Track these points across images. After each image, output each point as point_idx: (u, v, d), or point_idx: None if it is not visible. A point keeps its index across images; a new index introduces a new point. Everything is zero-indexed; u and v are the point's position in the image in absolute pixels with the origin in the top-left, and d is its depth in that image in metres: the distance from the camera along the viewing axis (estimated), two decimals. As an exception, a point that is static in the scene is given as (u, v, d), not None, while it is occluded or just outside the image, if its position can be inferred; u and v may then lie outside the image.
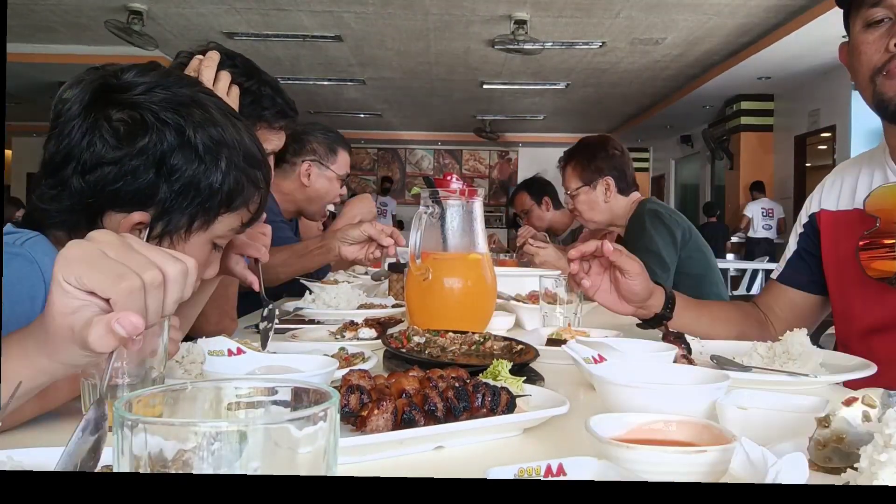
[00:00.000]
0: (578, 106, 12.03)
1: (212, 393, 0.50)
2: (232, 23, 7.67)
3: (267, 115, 1.73)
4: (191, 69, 1.52)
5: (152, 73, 1.03)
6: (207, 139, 1.01)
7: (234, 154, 1.04)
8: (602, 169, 2.81)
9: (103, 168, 0.97)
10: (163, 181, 0.99)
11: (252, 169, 1.07)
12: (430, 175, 2.24)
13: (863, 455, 0.60)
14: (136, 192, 0.98)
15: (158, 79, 1.02)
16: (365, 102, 12.00)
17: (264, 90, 1.73)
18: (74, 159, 0.98)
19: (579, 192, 2.85)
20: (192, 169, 1.00)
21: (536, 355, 1.18)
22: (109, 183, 0.98)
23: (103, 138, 0.97)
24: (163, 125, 0.98)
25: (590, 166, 2.83)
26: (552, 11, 7.15)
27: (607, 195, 2.82)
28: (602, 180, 2.81)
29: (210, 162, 1.01)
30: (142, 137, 0.98)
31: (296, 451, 0.42)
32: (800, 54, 8.17)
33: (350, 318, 1.63)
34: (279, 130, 1.81)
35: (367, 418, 0.77)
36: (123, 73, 1.02)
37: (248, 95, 1.67)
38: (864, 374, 1.15)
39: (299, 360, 1.09)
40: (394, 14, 7.31)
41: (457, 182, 1.64)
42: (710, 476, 0.65)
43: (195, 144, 1.00)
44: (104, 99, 0.99)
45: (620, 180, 2.83)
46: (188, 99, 1.02)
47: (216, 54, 1.55)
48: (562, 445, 0.83)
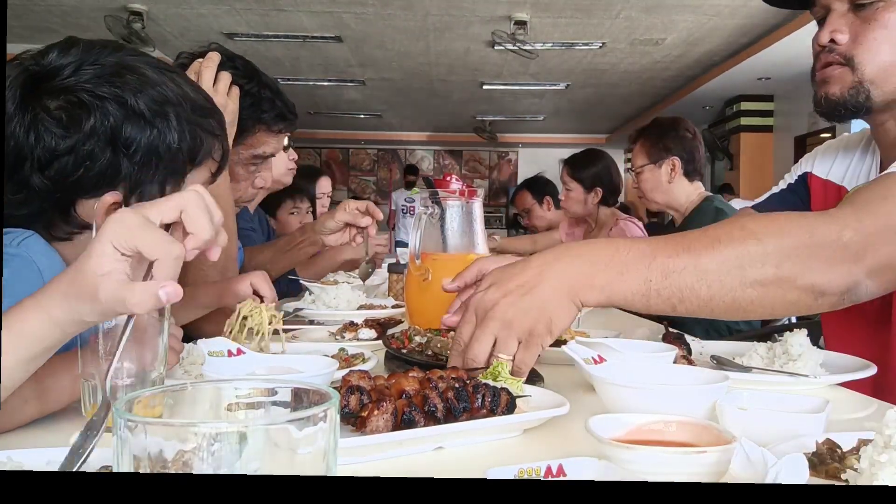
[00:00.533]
0: (578, 106, 12.02)
1: (212, 394, 0.51)
2: (232, 23, 7.67)
3: (266, 118, 1.73)
4: (191, 71, 1.53)
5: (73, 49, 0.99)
6: (150, 101, 0.99)
7: (181, 109, 1.01)
8: (670, 148, 2.77)
9: (59, 160, 0.96)
10: (122, 156, 0.98)
11: (204, 118, 1.05)
12: (429, 176, 2.24)
13: (863, 456, 0.60)
14: (100, 175, 0.97)
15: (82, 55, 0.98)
16: (365, 103, 12.00)
17: (264, 93, 1.73)
18: (27, 158, 0.95)
19: (644, 169, 2.80)
20: (146, 137, 0.98)
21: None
22: (70, 173, 0.96)
23: (48, 130, 0.95)
24: (102, 101, 0.96)
25: (658, 144, 2.78)
26: (552, 12, 7.14)
27: (671, 176, 2.76)
28: (669, 160, 2.76)
29: (161, 124, 0.99)
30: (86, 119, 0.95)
31: (296, 451, 0.42)
32: (800, 55, 8.16)
33: (350, 319, 1.63)
34: (278, 134, 1.80)
35: (366, 419, 0.77)
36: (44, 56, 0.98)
37: (247, 98, 1.67)
38: (863, 374, 1.15)
39: (299, 361, 1.09)
40: (394, 15, 7.31)
41: (456, 182, 1.64)
42: (710, 477, 0.65)
43: (140, 111, 0.98)
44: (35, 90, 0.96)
45: (688, 163, 2.78)
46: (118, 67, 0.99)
47: (216, 55, 1.55)
48: (562, 446, 0.83)
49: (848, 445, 0.71)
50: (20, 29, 7.94)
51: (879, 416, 0.61)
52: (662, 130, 2.82)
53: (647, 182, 2.81)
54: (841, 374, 1.15)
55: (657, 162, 2.78)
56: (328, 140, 14.93)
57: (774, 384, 1.12)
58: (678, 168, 2.76)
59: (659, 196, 2.81)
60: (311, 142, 14.62)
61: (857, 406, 1.05)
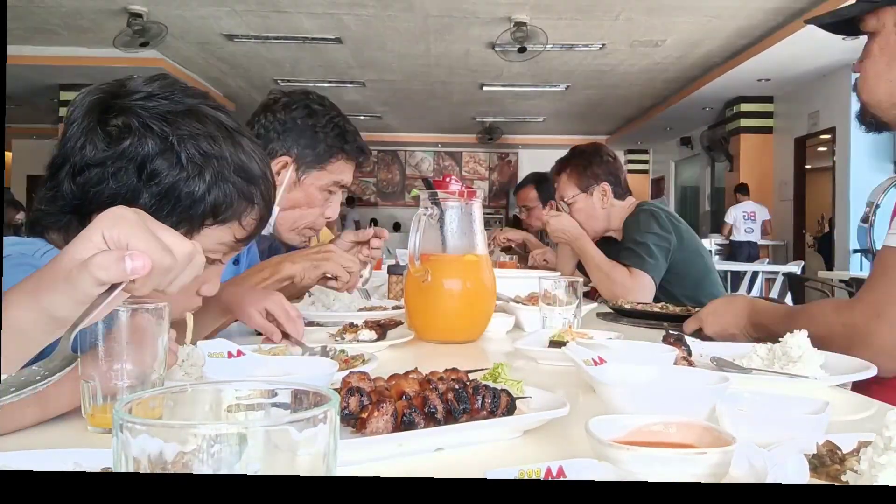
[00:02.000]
0: (578, 108, 12.04)
1: (211, 395, 0.50)
2: (232, 25, 7.68)
3: (348, 149, 1.90)
4: None
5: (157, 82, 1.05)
6: (195, 150, 1.02)
7: (224, 166, 1.04)
8: (598, 175, 2.77)
9: (90, 170, 1.00)
10: (143, 185, 1.01)
11: (246, 183, 1.07)
12: (429, 177, 2.25)
13: (863, 457, 0.60)
14: (118, 195, 1.00)
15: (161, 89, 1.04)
16: (365, 104, 12.01)
17: (348, 126, 1.92)
18: (69, 162, 1.01)
19: (576, 199, 2.79)
20: (172, 176, 1.01)
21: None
22: (94, 185, 1.00)
23: (93, 142, 1.00)
24: (146, 130, 1.01)
25: (586, 172, 2.78)
26: (552, 13, 7.15)
27: (604, 201, 2.77)
28: (599, 186, 2.76)
29: (193, 171, 1.02)
30: (125, 141, 1.00)
31: (296, 453, 0.42)
32: (799, 56, 8.18)
33: (350, 320, 1.63)
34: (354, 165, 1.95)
35: (366, 420, 0.77)
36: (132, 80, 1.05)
37: (334, 128, 1.88)
38: (864, 375, 1.15)
39: (299, 363, 1.09)
40: (394, 16, 7.32)
41: (456, 184, 1.64)
42: (710, 478, 0.64)
43: (178, 153, 1.01)
44: (105, 104, 1.02)
45: (616, 185, 2.79)
46: (187, 111, 1.04)
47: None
48: (562, 447, 0.83)
49: (848, 447, 0.70)
50: (20, 30, 7.96)
51: (879, 418, 0.61)
52: (587, 158, 2.82)
53: (581, 212, 2.78)
54: (841, 376, 1.15)
55: (587, 189, 2.78)
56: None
57: (774, 385, 1.12)
58: (609, 192, 2.76)
59: (596, 223, 2.79)
60: (311, 143, 14.60)
61: (857, 407, 1.05)
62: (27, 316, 0.69)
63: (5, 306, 0.69)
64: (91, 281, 0.66)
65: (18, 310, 0.69)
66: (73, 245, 0.69)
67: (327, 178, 1.89)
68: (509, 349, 1.47)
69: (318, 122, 1.87)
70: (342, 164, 1.90)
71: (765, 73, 9.02)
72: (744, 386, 1.07)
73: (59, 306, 0.68)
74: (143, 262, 0.66)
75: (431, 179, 1.71)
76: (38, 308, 0.69)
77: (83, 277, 0.66)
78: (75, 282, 0.67)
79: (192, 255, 0.72)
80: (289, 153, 1.86)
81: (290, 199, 1.88)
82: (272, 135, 1.87)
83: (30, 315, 0.69)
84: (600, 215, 2.78)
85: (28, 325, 0.69)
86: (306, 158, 1.86)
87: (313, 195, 1.89)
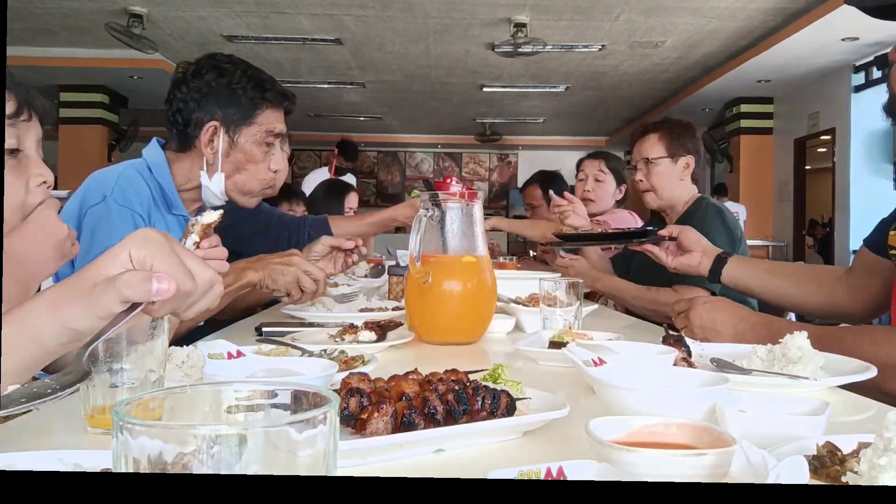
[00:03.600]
0: (578, 109, 12.03)
1: (211, 396, 0.50)
2: (232, 26, 7.68)
3: (270, 96, 1.91)
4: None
5: None
6: None
7: None
8: (687, 147, 2.74)
9: None
10: None
11: None
12: (429, 178, 2.26)
13: (863, 459, 0.60)
14: None
15: None
16: (365, 106, 12.01)
17: (263, 75, 1.93)
18: None
19: (661, 161, 2.71)
20: None
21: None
22: None
23: None
24: None
25: (678, 140, 2.73)
26: (552, 14, 7.15)
27: (684, 174, 2.72)
28: (686, 157, 2.72)
29: None
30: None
31: (295, 454, 0.42)
32: (799, 57, 8.17)
33: (350, 321, 1.63)
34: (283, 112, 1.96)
35: (366, 421, 0.77)
36: None
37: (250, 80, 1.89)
38: (864, 376, 1.15)
39: (299, 363, 1.09)
40: (393, 17, 7.31)
41: (456, 185, 1.65)
42: (710, 479, 0.64)
43: None
44: None
45: (697, 165, 2.76)
46: None
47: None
48: (562, 448, 0.83)
49: (848, 448, 0.70)
50: (20, 31, 7.96)
51: (879, 419, 0.61)
52: (681, 128, 2.79)
53: (660, 175, 2.72)
54: (841, 377, 1.15)
55: (674, 157, 2.72)
56: (328, 142, 14.95)
57: (774, 386, 1.12)
58: (691, 167, 2.72)
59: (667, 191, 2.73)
60: (310, 144, 14.63)
61: (857, 408, 1.05)
62: (46, 326, 0.70)
63: (27, 313, 0.70)
64: (115, 297, 0.67)
65: (39, 319, 0.70)
66: (98, 261, 0.70)
67: (259, 131, 1.90)
68: (509, 350, 1.47)
69: (232, 80, 1.88)
70: (269, 113, 1.91)
71: (764, 74, 9.02)
72: (744, 387, 1.07)
73: (79, 319, 0.69)
74: (169, 284, 0.67)
75: (432, 181, 1.71)
76: (58, 319, 0.69)
77: (108, 293, 0.67)
78: (98, 297, 0.67)
79: (212, 282, 0.73)
80: (214, 117, 1.87)
81: (231, 163, 1.89)
82: (192, 105, 1.88)
83: (49, 325, 0.70)
84: (674, 186, 2.73)
85: (46, 334, 0.70)
86: (233, 117, 1.88)
87: (252, 151, 1.90)
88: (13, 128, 1.08)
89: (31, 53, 8.52)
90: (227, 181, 1.89)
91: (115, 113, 10.42)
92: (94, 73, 9.29)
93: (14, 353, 0.70)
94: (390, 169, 16.08)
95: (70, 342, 0.71)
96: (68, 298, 0.69)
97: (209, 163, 1.88)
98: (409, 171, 16.09)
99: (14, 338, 0.70)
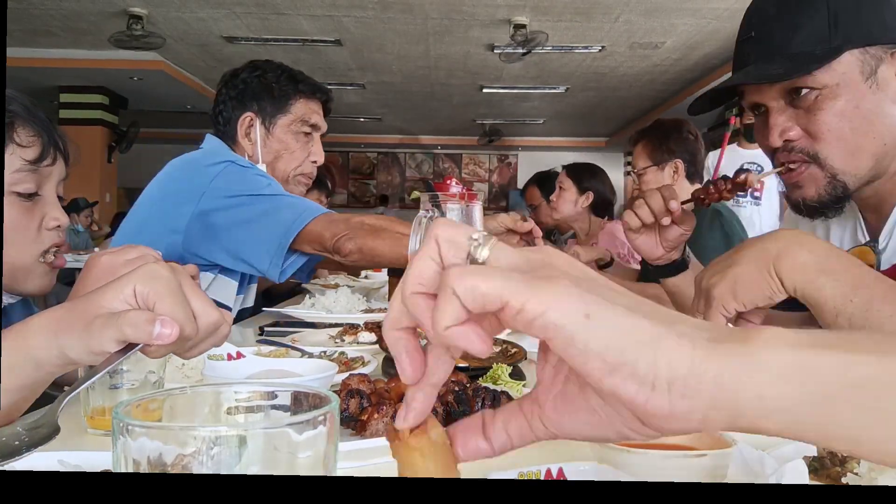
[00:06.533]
0: (578, 110, 12.04)
1: (211, 397, 0.51)
2: (231, 27, 7.68)
3: (303, 88, 2.02)
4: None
5: None
6: None
7: None
8: (673, 150, 2.72)
9: None
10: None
11: None
12: (429, 179, 2.26)
13: (862, 460, 0.60)
14: None
15: None
16: (365, 107, 12.01)
17: (296, 70, 2.06)
18: None
19: (647, 171, 2.74)
20: None
21: (524, 356, 1.18)
22: None
23: None
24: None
25: (661, 147, 2.73)
26: (551, 16, 7.16)
27: (674, 178, 2.70)
28: (672, 162, 2.71)
29: None
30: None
31: (295, 455, 0.42)
32: (799, 58, 8.17)
33: (350, 322, 1.63)
34: (318, 104, 2.05)
35: (366, 422, 0.77)
36: None
37: (283, 73, 2.01)
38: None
39: (299, 364, 1.09)
40: (393, 18, 7.32)
41: (456, 186, 1.64)
42: (709, 480, 0.64)
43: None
44: None
45: (690, 165, 2.73)
46: None
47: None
48: (561, 450, 0.83)
49: (848, 449, 0.70)
50: (20, 33, 7.96)
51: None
52: (665, 132, 2.78)
53: (649, 184, 2.73)
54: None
55: (660, 164, 2.73)
56: (328, 143, 14.80)
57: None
58: (681, 170, 2.71)
59: None
60: (310, 145, 14.62)
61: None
62: (44, 348, 0.69)
63: (28, 333, 0.69)
64: (114, 335, 0.65)
65: (38, 339, 0.69)
66: (102, 292, 0.68)
67: (294, 120, 1.98)
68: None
69: (265, 74, 1.99)
70: (303, 103, 2.00)
71: (764, 74, 9.02)
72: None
73: (73, 349, 0.68)
74: (172, 330, 0.64)
75: (432, 182, 1.71)
76: (55, 344, 0.69)
77: (108, 330, 0.65)
78: (96, 332, 0.66)
79: (216, 325, 0.70)
80: (250, 109, 1.96)
81: (269, 152, 1.96)
82: (232, 103, 1.97)
83: (46, 348, 0.69)
84: None
85: (43, 356, 0.70)
86: (267, 109, 1.96)
87: (287, 140, 1.98)
88: (34, 174, 1.09)
89: (31, 55, 8.52)
90: (267, 170, 1.94)
91: (114, 114, 10.42)
92: (93, 75, 9.29)
93: (13, 372, 0.69)
94: (390, 170, 16.08)
95: (65, 366, 0.71)
96: (68, 325, 0.68)
97: (249, 154, 1.95)
98: (408, 173, 16.09)
99: (13, 356, 0.69)
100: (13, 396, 0.73)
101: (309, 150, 2.01)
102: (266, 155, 1.95)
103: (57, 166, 1.12)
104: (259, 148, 1.94)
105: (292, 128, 1.98)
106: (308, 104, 2.01)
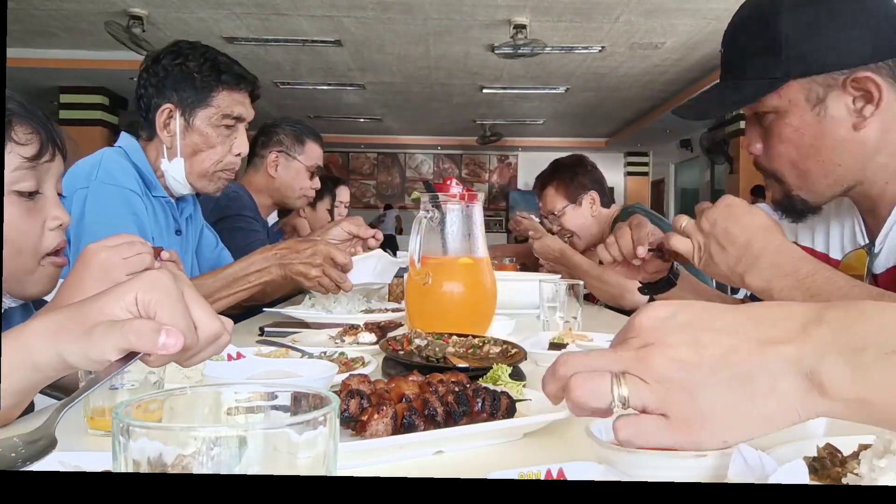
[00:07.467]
0: (578, 110, 12.04)
1: (211, 398, 0.50)
2: (232, 27, 7.69)
3: (226, 79, 1.91)
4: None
5: None
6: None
7: None
8: (585, 184, 2.84)
9: None
10: None
11: None
12: (429, 179, 2.26)
13: (863, 460, 0.60)
14: None
15: None
16: (365, 107, 12.01)
17: (221, 57, 1.93)
18: None
19: (566, 210, 2.84)
20: None
21: (524, 357, 1.18)
22: None
23: None
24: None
25: (573, 183, 2.84)
26: (551, 16, 7.16)
27: (593, 209, 2.83)
28: (587, 195, 2.83)
29: None
30: None
31: (295, 455, 0.42)
32: (799, 58, 8.17)
33: (350, 323, 1.63)
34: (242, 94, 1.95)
35: (366, 423, 0.77)
36: None
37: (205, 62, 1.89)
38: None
39: (299, 365, 1.09)
40: (393, 19, 7.32)
41: (456, 186, 1.64)
42: (709, 480, 0.64)
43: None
44: None
45: (602, 194, 2.86)
46: None
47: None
48: (562, 450, 0.83)
49: (848, 450, 0.70)
50: (20, 33, 7.96)
51: (879, 420, 0.61)
52: (572, 169, 2.88)
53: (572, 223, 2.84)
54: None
55: (576, 200, 2.84)
56: (328, 144, 14.87)
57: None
58: (597, 200, 2.83)
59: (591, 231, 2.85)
60: (310, 146, 14.62)
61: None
62: (43, 352, 0.69)
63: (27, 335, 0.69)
64: (116, 343, 0.64)
65: (37, 342, 0.69)
66: (103, 298, 0.67)
67: (216, 113, 1.90)
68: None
69: (188, 62, 1.88)
70: (226, 94, 1.91)
71: (764, 75, 9.02)
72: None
73: (73, 354, 0.67)
74: (176, 341, 0.63)
75: (432, 182, 1.71)
76: (54, 348, 0.68)
77: (110, 338, 0.64)
78: (97, 339, 0.65)
79: (217, 335, 0.70)
80: (169, 100, 1.87)
81: (188, 146, 1.89)
82: (151, 90, 1.89)
83: (45, 351, 0.68)
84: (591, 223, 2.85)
85: (42, 360, 0.69)
86: (188, 100, 1.88)
87: (208, 134, 1.90)
88: (34, 171, 1.08)
89: (32, 55, 8.53)
90: (186, 164, 1.88)
91: (114, 115, 10.43)
92: (94, 75, 9.29)
93: (12, 375, 0.69)
94: (390, 171, 16.09)
95: (64, 371, 0.70)
96: (67, 330, 0.67)
97: (168, 147, 1.88)
98: (408, 173, 16.10)
99: (12, 358, 0.69)
100: (11, 399, 0.73)
101: (231, 143, 1.93)
102: (185, 149, 1.87)
103: (56, 162, 1.11)
104: (178, 141, 1.86)
105: (214, 121, 1.89)
106: (232, 95, 1.92)
